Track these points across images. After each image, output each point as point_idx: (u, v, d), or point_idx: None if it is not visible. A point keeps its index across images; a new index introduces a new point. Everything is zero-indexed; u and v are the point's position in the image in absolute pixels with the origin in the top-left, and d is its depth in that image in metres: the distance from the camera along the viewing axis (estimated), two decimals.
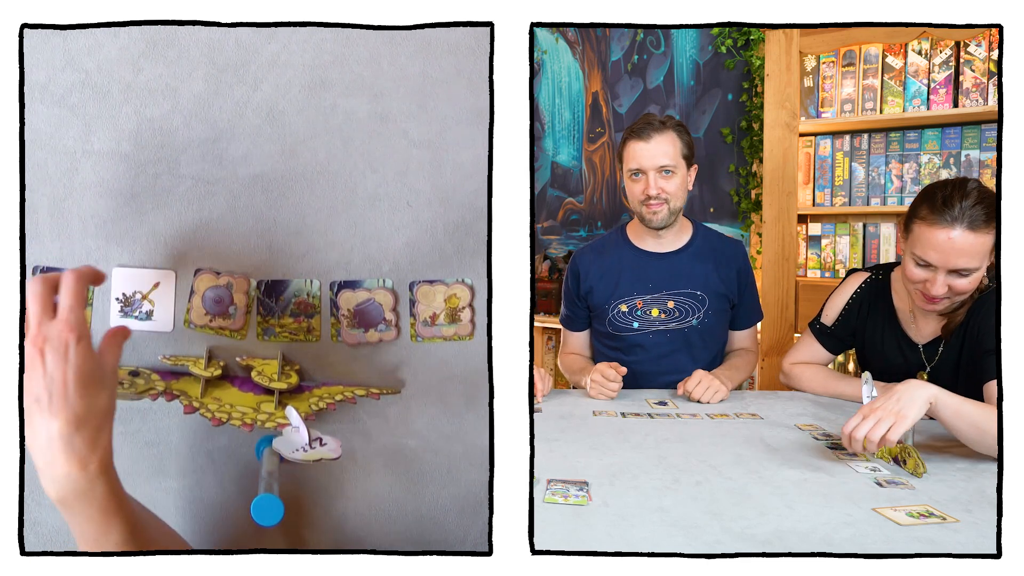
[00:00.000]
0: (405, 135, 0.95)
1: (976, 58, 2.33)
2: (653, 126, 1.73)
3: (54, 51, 0.90)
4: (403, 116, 0.95)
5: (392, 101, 0.94)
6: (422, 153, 0.95)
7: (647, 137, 1.72)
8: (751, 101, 2.94)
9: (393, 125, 0.95)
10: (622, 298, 1.80)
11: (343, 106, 0.92)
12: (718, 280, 1.82)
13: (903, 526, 0.92)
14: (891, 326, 1.59)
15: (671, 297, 1.79)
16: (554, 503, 0.99)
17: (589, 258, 1.88)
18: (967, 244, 1.30)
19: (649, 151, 1.72)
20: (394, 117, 0.95)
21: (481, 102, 0.94)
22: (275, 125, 0.92)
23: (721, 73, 3.08)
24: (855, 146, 2.60)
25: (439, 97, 0.95)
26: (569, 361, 1.93)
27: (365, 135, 0.94)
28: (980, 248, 1.30)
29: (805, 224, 2.71)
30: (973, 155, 2.41)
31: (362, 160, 0.95)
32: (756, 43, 2.86)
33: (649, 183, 1.73)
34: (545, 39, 3.59)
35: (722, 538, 0.89)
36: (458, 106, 0.95)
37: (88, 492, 0.76)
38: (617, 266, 1.83)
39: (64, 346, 0.74)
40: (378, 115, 0.94)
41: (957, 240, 1.30)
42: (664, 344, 1.79)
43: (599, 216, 3.51)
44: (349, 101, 0.92)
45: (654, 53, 3.28)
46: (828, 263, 2.67)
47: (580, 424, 1.41)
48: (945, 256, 1.31)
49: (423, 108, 0.95)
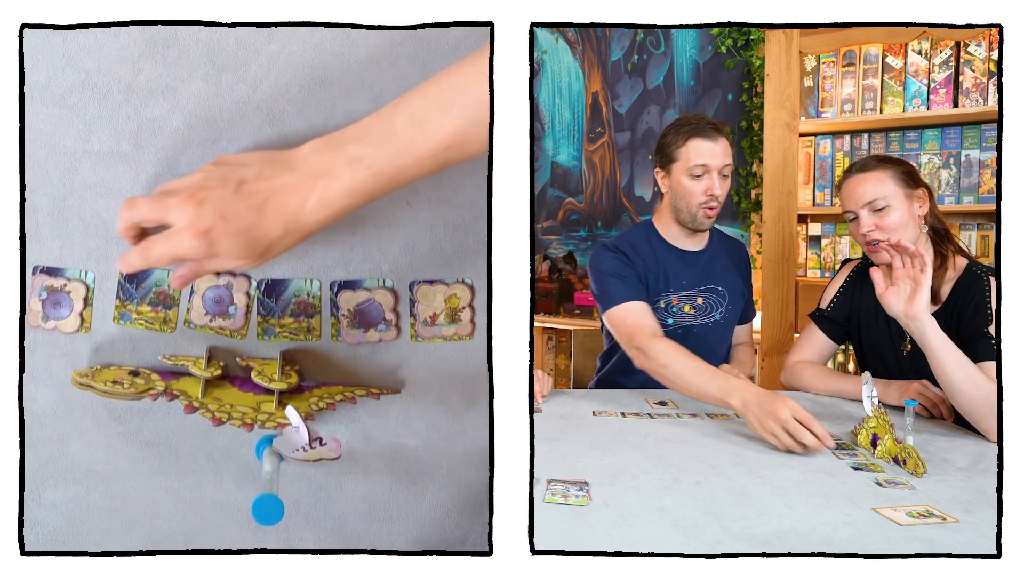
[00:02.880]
0: None
1: (976, 58, 2.33)
2: (713, 126, 1.72)
3: (54, 51, 0.90)
4: None
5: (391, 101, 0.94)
6: None
7: (713, 137, 1.71)
8: (751, 101, 2.94)
9: None
10: (661, 295, 1.81)
11: (343, 106, 0.92)
12: (736, 276, 1.88)
13: (903, 526, 0.92)
14: (881, 306, 1.62)
15: (700, 294, 1.82)
16: (554, 503, 0.99)
17: (629, 249, 1.79)
18: (864, 182, 1.55)
19: (717, 150, 1.71)
20: None
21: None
22: (275, 125, 0.92)
23: (721, 73, 3.08)
24: (855, 146, 2.60)
25: None
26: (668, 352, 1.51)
27: None
28: (876, 182, 1.53)
29: (805, 224, 2.71)
30: (973, 155, 2.41)
31: None
32: (756, 43, 2.86)
33: (714, 183, 1.71)
34: (545, 39, 3.59)
35: (722, 538, 0.89)
36: None
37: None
38: (660, 264, 1.82)
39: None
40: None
41: (856, 183, 1.56)
42: (691, 339, 1.80)
43: (599, 216, 3.51)
44: (349, 101, 0.92)
45: (654, 53, 3.28)
46: (828, 263, 2.67)
47: (580, 424, 1.41)
48: (856, 198, 1.55)
49: None
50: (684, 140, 1.73)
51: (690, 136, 1.72)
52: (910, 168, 1.56)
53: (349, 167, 0.78)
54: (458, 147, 0.80)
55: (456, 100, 0.78)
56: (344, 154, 0.79)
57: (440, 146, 0.79)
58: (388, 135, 0.79)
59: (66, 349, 0.94)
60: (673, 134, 1.76)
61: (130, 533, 0.97)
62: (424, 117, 0.78)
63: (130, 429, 0.96)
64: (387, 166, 0.79)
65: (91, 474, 0.96)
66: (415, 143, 0.78)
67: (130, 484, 0.97)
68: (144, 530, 0.97)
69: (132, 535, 0.97)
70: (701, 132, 1.72)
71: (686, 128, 1.73)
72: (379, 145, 0.79)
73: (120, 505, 0.97)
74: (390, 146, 0.78)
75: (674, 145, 1.75)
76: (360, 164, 0.78)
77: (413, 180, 0.81)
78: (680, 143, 1.74)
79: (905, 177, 1.53)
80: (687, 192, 1.74)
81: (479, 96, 0.79)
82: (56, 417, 0.94)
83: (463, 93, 0.78)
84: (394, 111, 0.80)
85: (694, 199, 1.74)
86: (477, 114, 0.78)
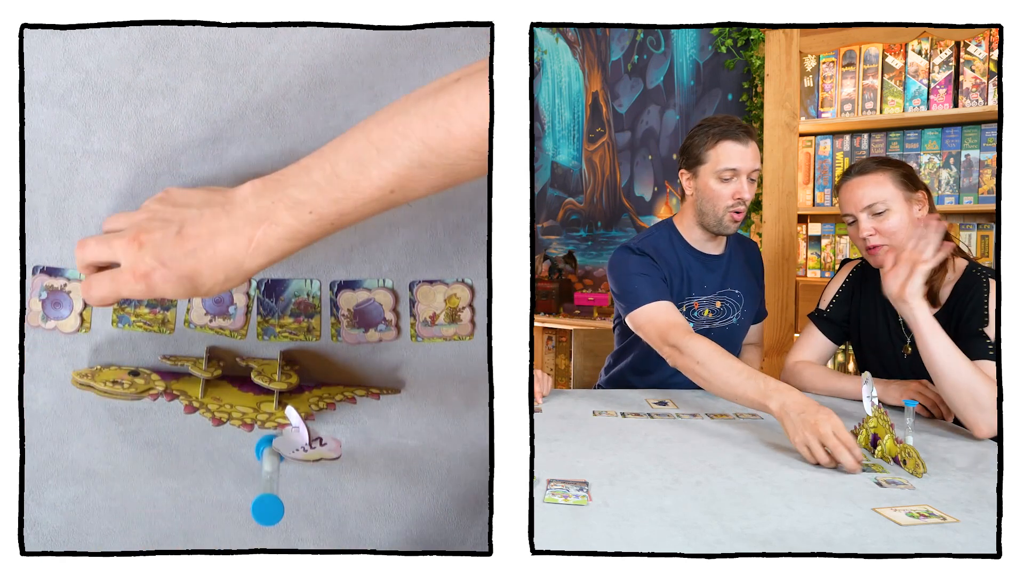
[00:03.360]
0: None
1: (976, 58, 2.33)
2: (744, 129, 1.67)
3: (54, 51, 0.90)
4: None
5: (392, 101, 0.94)
6: None
7: (744, 141, 1.66)
8: (751, 101, 2.94)
9: None
10: (684, 300, 1.78)
11: (343, 106, 0.92)
12: (752, 278, 1.87)
13: (903, 526, 0.92)
14: (881, 307, 1.62)
15: (719, 297, 1.81)
16: (554, 503, 0.99)
17: (653, 251, 1.75)
18: (862, 185, 1.54)
19: (748, 154, 1.67)
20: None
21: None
22: (275, 125, 0.92)
23: (721, 73, 3.08)
24: (855, 146, 2.60)
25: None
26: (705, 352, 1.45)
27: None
28: (875, 185, 1.52)
29: (805, 224, 2.71)
30: (973, 155, 2.41)
31: None
32: (756, 43, 2.86)
33: (743, 186, 1.67)
34: (545, 39, 3.59)
35: (722, 538, 0.89)
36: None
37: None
38: (683, 267, 1.78)
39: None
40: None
41: (855, 186, 1.55)
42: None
43: (599, 216, 3.51)
44: (349, 101, 0.92)
45: (654, 53, 3.28)
46: (828, 263, 2.67)
47: (580, 424, 1.41)
48: (855, 202, 1.54)
49: None
50: (714, 142, 1.68)
51: (720, 138, 1.68)
52: (909, 170, 1.56)
53: (290, 212, 0.77)
54: (402, 191, 0.77)
55: (399, 143, 0.76)
56: (285, 198, 0.77)
57: (383, 190, 0.77)
58: (329, 178, 0.77)
59: (66, 349, 0.94)
60: (702, 135, 1.70)
61: (130, 533, 0.97)
62: (366, 160, 0.76)
63: (130, 429, 0.96)
64: (329, 210, 0.77)
65: (91, 474, 0.96)
66: (357, 187, 0.77)
67: (130, 484, 0.97)
68: (144, 530, 0.97)
69: (132, 535, 0.97)
70: (732, 135, 1.67)
71: (716, 130, 1.68)
72: (320, 189, 0.77)
73: (120, 505, 0.97)
74: (332, 190, 0.77)
75: (702, 147, 1.70)
76: (302, 209, 0.77)
77: (357, 222, 0.79)
78: (709, 145, 1.69)
79: (904, 179, 1.53)
80: (714, 195, 1.70)
81: (424, 138, 0.76)
82: (56, 417, 0.94)
83: (407, 136, 0.75)
84: (336, 153, 0.78)
85: (721, 202, 1.69)
86: (422, 157, 0.76)
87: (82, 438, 0.95)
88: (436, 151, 0.76)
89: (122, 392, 0.90)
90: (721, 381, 1.38)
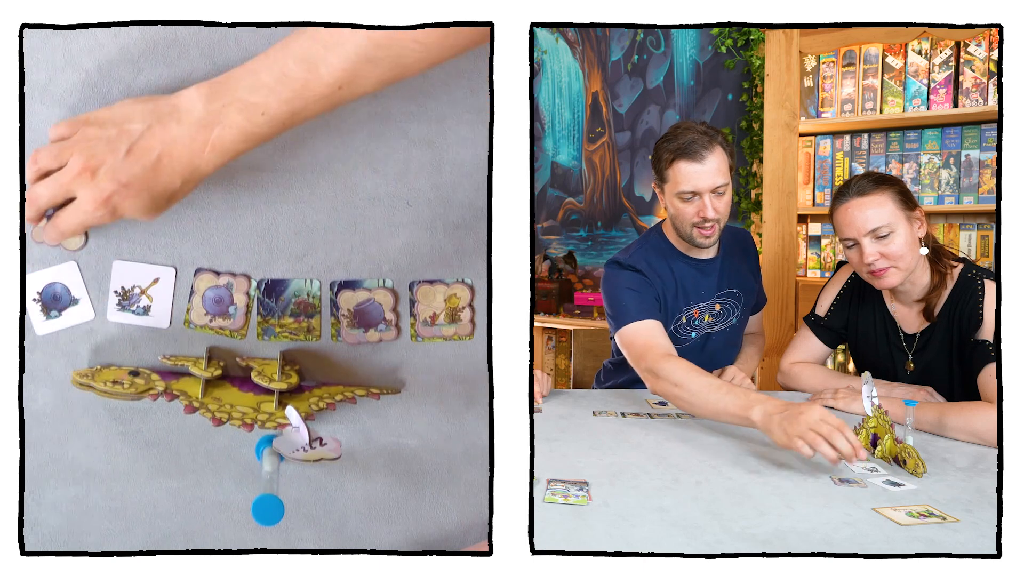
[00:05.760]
0: (405, 135, 0.95)
1: (976, 58, 2.33)
2: (701, 143, 1.56)
3: (54, 51, 0.90)
4: (403, 116, 0.95)
5: (392, 101, 0.94)
6: (422, 153, 0.96)
7: (699, 158, 1.56)
8: (751, 101, 2.94)
9: (393, 125, 0.95)
10: (682, 310, 1.75)
11: (343, 105, 0.92)
12: (748, 273, 1.84)
13: (903, 526, 0.92)
14: (881, 317, 1.60)
15: (718, 300, 1.78)
16: (554, 503, 0.99)
17: (645, 266, 1.70)
18: (864, 207, 1.44)
19: (704, 172, 1.56)
20: (394, 117, 0.95)
21: (481, 102, 0.94)
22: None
23: (721, 73, 3.08)
24: (855, 146, 2.60)
25: (439, 97, 0.95)
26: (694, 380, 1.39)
27: (365, 135, 0.95)
28: (878, 207, 1.43)
29: (805, 224, 2.71)
30: (973, 155, 2.41)
31: (362, 160, 0.95)
32: (756, 43, 2.86)
33: (705, 205, 1.58)
34: (545, 39, 3.59)
35: (722, 538, 0.89)
36: (458, 106, 0.95)
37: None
38: (677, 278, 1.74)
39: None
40: (378, 115, 0.94)
41: (855, 208, 1.45)
42: (711, 344, 1.79)
43: (599, 216, 3.51)
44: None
45: (654, 53, 3.28)
46: (828, 263, 2.67)
47: (580, 424, 1.41)
48: (858, 226, 1.44)
49: (423, 108, 0.95)
50: (669, 161, 1.60)
51: (676, 157, 1.58)
52: (904, 187, 1.48)
53: (242, 114, 0.79)
54: (350, 87, 0.80)
55: (346, 37, 0.78)
56: (236, 101, 0.79)
57: (332, 87, 0.79)
58: (279, 78, 0.79)
59: (66, 349, 0.94)
60: (663, 151, 1.62)
61: (130, 533, 0.97)
62: (315, 58, 0.78)
63: (130, 429, 0.96)
64: (280, 110, 0.79)
65: (91, 474, 0.96)
66: (307, 85, 0.79)
67: (130, 484, 0.97)
68: (144, 530, 0.97)
69: (132, 535, 0.97)
70: (687, 153, 1.56)
71: (672, 147, 1.59)
72: (271, 90, 0.79)
73: (120, 505, 0.97)
74: (283, 90, 0.79)
75: (660, 165, 1.63)
76: (254, 110, 0.79)
77: (307, 120, 0.81)
78: (666, 164, 1.61)
79: (902, 197, 1.45)
80: (679, 213, 1.64)
81: (369, 32, 0.78)
82: (56, 417, 0.94)
83: (352, 31, 0.78)
84: (283, 53, 0.80)
85: (687, 220, 1.63)
86: (368, 52, 0.78)
87: (82, 438, 0.95)
88: (381, 44, 0.79)
89: (122, 392, 0.90)
90: (701, 400, 1.33)
